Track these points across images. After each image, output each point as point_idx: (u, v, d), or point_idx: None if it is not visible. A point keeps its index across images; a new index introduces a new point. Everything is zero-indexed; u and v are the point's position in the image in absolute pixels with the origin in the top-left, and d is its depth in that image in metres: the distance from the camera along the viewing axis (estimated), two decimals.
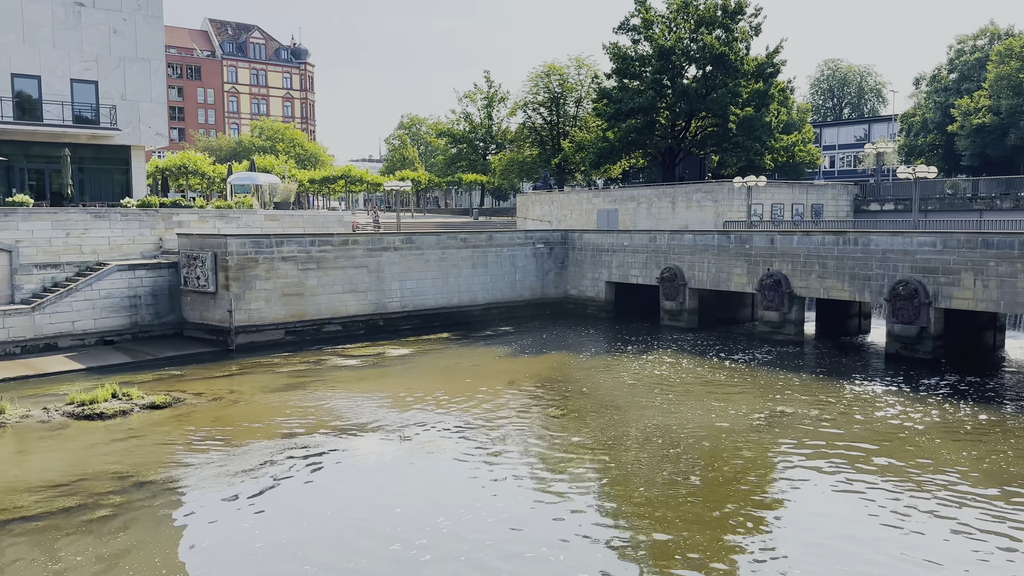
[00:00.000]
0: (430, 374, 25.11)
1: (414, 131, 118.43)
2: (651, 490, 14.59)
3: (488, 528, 13.03)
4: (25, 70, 32.98)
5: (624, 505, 13.97)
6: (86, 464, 16.01)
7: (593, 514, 13.55)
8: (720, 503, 14.01)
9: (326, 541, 12.62)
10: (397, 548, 12.22)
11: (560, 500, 14.16)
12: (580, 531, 12.83)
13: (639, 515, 13.48)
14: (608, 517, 13.49)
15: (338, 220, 39.12)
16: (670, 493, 14.44)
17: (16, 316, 26.16)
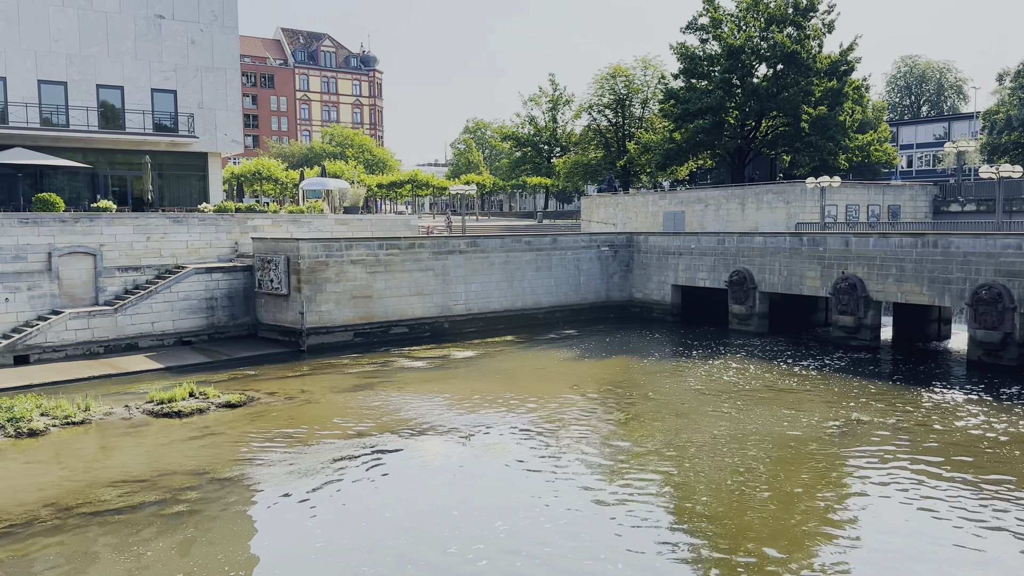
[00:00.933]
0: (494, 376, 25.22)
1: (479, 135, 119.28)
2: (716, 501, 14.31)
3: (545, 536, 12.97)
4: (109, 81, 34.51)
5: (687, 516, 13.73)
6: (164, 460, 16.63)
7: (655, 524, 13.34)
8: (789, 517, 13.64)
9: (387, 541, 12.79)
10: (454, 551, 12.28)
11: (621, 508, 14.01)
12: (640, 542, 12.66)
13: (703, 527, 13.24)
14: (670, 528, 13.28)
15: (405, 224, 39.69)
16: (736, 505, 14.14)
17: (100, 317, 27.37)
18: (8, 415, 18.57)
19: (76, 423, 18.99)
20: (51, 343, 26.22)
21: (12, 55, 31.97)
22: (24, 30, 32.15)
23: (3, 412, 18.76)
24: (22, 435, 17.96)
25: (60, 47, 33.06)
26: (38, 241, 27.10)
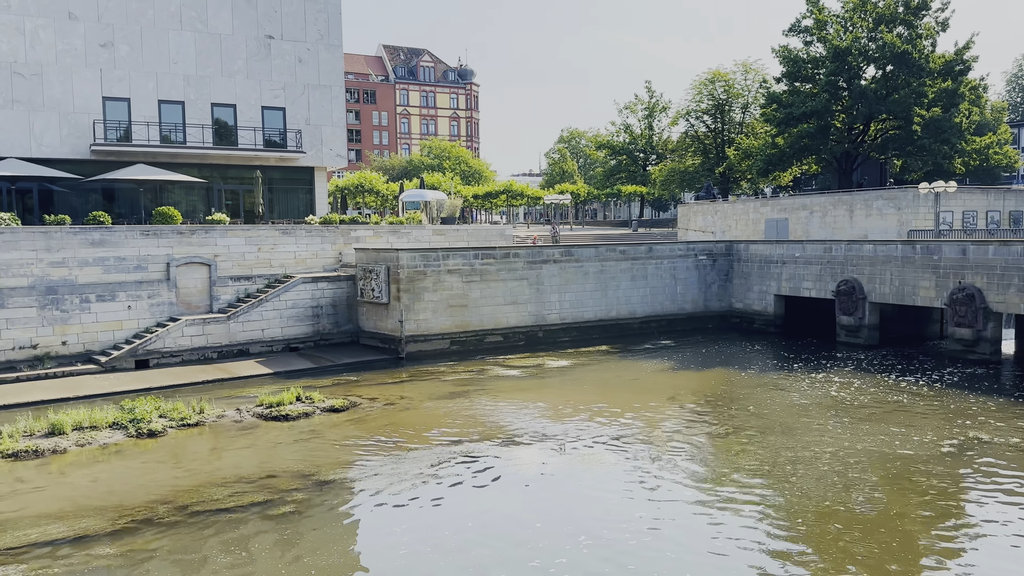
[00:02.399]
0: (589, 386, 25.09)
1: (573, 144, 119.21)
2: (821, 523, 13.74)
3: (636, 550, 12.78)
4: (223, 99, 36.44)
5: (786, 538, 13.24)
6: (273, 462, 17.34)
7: (750, 546, 12.90)
8: (900, 542, 12.95)
9: (480, 548, 12.90)
10: (536, 565, 12.23)
11: (715, 527, 13.63)
12: (734, 563, 12.28)
13: (802, 551, 12.73)
14: (766, 551, 12.81)
15: (500, 233, 40.08)
16: (842, 527, 13.53)
17: (214, 324, 28.86)
18: (130, 416, 19.81)
19: (191, 425, 20.05)
20: (169, 348, 27.82)
21: (135, 77, 34.23)
22: (146, 54, 34.37)
23: (125, 414, 20.02)
24: (142, 435, 19.11)
25: (178, 68, 35.16)
26: (158, 252, 28.85)
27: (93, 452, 17.95)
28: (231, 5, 36.01)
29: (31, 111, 32.21)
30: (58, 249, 26.79)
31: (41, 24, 32.13)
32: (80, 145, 33.21)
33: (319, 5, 38.09)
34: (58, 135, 32.81)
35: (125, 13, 33.71)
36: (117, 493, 15.33)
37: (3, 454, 17.37)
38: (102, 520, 13.91)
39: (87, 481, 16.11)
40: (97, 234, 27.62)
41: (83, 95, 33.14)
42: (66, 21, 32.61)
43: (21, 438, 18.32)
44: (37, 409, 21.47)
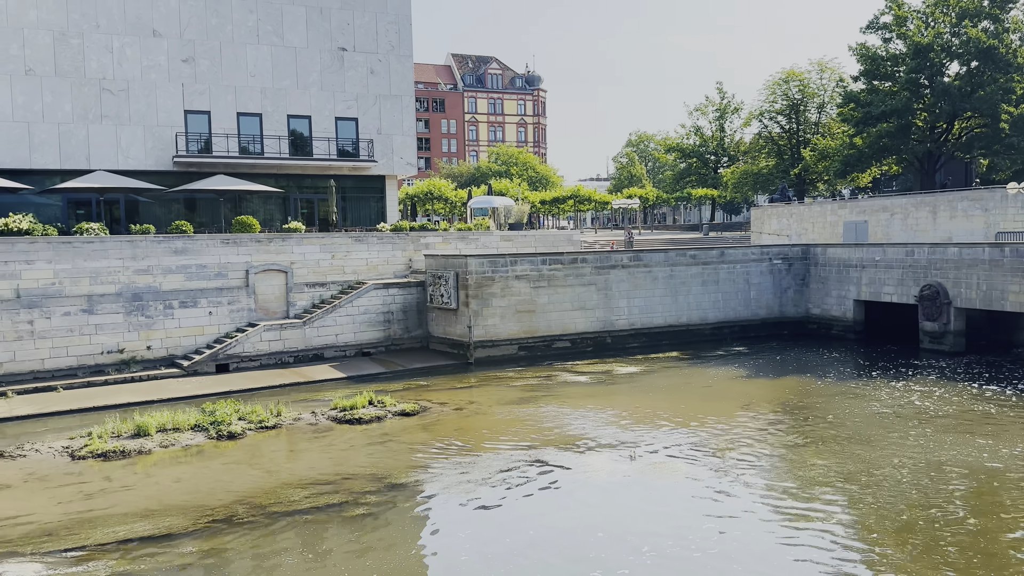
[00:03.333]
0: (659, 393, 24.77)
1: (642, 148, 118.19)
2: (905, 539, 13.20)
3: (710, 561, 12.52)
4: (298, 111, 37.49)
5: (864, 556, 12.75)
6: (346, 464, 17.70)
7: (825, 561, 12.45)
8: (986, 562, 12.33)
9: (544, 555, 12.86)
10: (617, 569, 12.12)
11: (790, 542, 13.24)
12: None
13: (884, 571, 12.25)
14: (842, 568, 12.39)
15: (567, 239, 40.00)
16: (929, 544, 12.97)
17: (291, 329, 29.66)
18: (211, 419, 20.52)
19: (269, 427, 20.64)
20: (247, 353, 28.72)
21: (216, 91, 35.54)
22: (225, 68, 35.65)
23: (206, 416, 20.75)
24: (223, 437, 19.76)
25: (256, 82, 36.34)
26: (237, 260, 29.83)
27: (176, 453, 18.66)
28: (306, 19, 37.04)
29: (118, 125, 33.79)
30: (143, 257, 28.00)
31: (128, 42, 33.70)
32: (164, 157, 34.65)
33: (390, 17, 38.83)
34: (143, 148, 34.32)
35: (205, 29, 35.06)
36: (199, 493, 15.89)
37: (93, 454, 18.22)
38: (185, 519, 14.44)
39: (171, 481, 16.76)
40: (180, 243, 28.76)
41: (166, 109, 34.59)
42: (150, 38, 34.11)
43: (109, 439, 19.18)
44: (124, 411, 22.44)
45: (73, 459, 18.06)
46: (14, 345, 25.74)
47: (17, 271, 25.86)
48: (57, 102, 32.64)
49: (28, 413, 22.51)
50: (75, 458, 18.10)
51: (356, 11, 38.09)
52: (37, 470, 17.38)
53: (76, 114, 33.02)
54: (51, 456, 18.31)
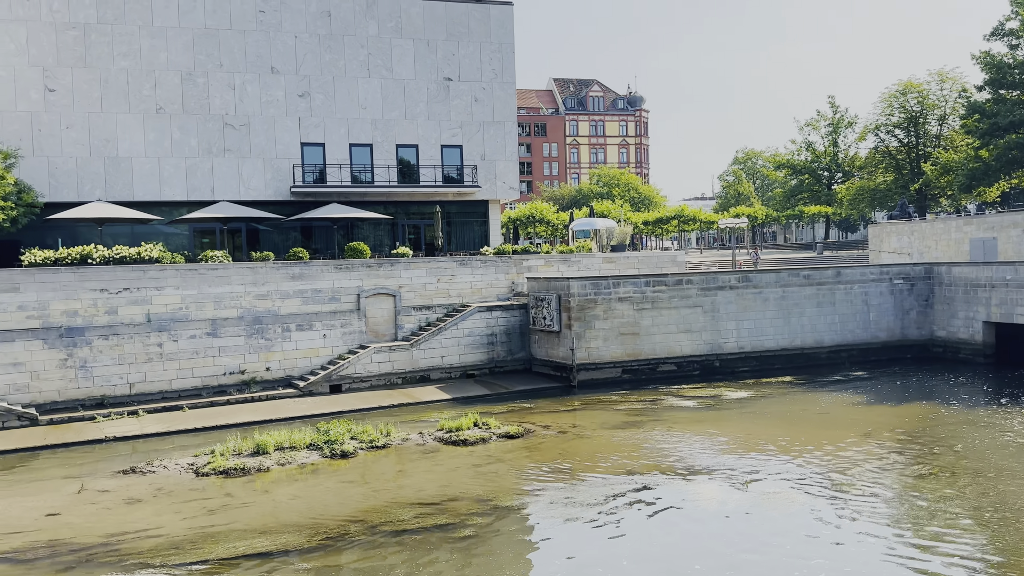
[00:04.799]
0: (771, 420, 23.86)
1: (749, 165, 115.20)
2: None
3: None
4: (406, 140, 38.70)
5: None
6: (453, 485, 17.89)
7: None
8: None
9: None
10: None
11: None
12: None
13: None
14: None
15: (672, 260, 39.35)
16: None
17: (399, 351, 30.42)
18: (325, 438, 21.23)
19: (379, 447, 21.16)
20: (359, 374, 29.62)
21: (330, 124, 37.17)
22: (339, 101, 37.27)
23: (321, 435, 21.49)
24: (336, 456, 20.40)
25: (367, 114, 37.79)
26: (349, 284, 30.92)
27: (292, 471, 19.39)
28: (413, 52, 38.31)
29: (240, 158, 35.82)
30: (263, 283, 29.44)
31: (248, 79, 35.78)
32: (282, 187, 36.45)
33: (494, 46, 39.64)
34: (263, 179, 36.23)
35: (320, 65, 36.81)
36: (314, 511, 16.43)
37: (215, 471, 19.18)
38: (300, 536, 14.95)
39: (287, 498, 17.40)
40: (297, 269, 30.09)
41: (284, 142, 36.44)
42: (269, 75, 36.09)
43: (231, 457, 20.14)
44: (244, 430, 23.54)
45: (197, 476, 19.06)
46: (145, 367, 27.51)
47: (148, 297, 27.70)
48: (184, 138, 34.96)
49: (157, 431, 23.96)
50: (199, 475, 19.09)
51: (461, 42, 39.10)
52: (165, 485, 18.44)
53: (201, 148, 35.25)
54: (178, 472, 19.38)
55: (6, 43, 32.32)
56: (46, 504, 17.36)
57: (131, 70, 34.05)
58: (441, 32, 38.79)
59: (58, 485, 18.94)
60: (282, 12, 36.16)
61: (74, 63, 33.29)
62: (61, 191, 33.20)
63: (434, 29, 38.65)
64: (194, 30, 34.86)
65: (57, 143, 33.24)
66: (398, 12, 38.00)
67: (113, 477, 19.27)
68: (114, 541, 14.94)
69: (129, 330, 27.33)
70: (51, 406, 25.93)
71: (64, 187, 33.32)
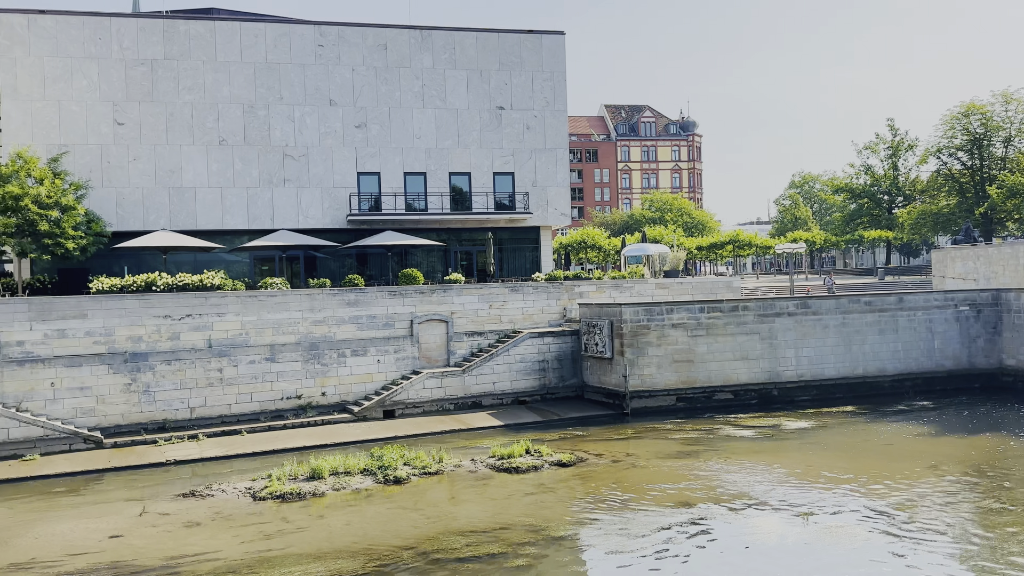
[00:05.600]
0: (833, 451, 23.18)
1: (806, 189, 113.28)
2: None
3: None
4: (458, 168, 39.17)
5: None
6: (505, 513, 17.79)
7: None
8: None
9: None
10: None
11: None
12: None
13: None
14: None
15: (727, 286, 38.78)
16: None
17: (451, 377, 30.55)
18: (378, 464, 21.38)
19: (431, 473, 21.21)
20: (412, 400, 29.82)
21: (385, 153, 37.88)
22: (394, 132, 37.98)
23: (374, 461, 21.64)
24: (389, 482, 20.51)
25: (421, 143, 38.42)
26: (403, 310, 31.26)
27: (347, 496, 19.54)
28: (467, 82, 38.90)
29: (299, 188, 36.70)
30: (320, 309, 29.97)
31: (307, 111, 36.75)
32: (338, 216, 37.18)
33: (545, 75, 39.99)
34: (320, 207, 37.02)
35: (376, 96, 37.62)
36: (367, 537, 16.51)
37: (272, 495, 19.45)
38: (354, 562, 15.02)
39: (341, 524, 17.54)
40: (352, 295, 30.56)
41: (341, 171, 37.23)
42: (327, 107, 37.01)
43: (287, 481, 20.41)
44: (300, 454, 23.86)
45: (254, 500, 19.35)
46: (206, 391, 28.17)
47: (209, 323, 28.43)
48: (246, 168, 36.01)
49: (216, 455, 24.46)
50: (256, 499, 19.38)
51: (513, 71, 39.55)
52: (223, 509, 18.76)
53: (262, 179, 36.24)
54: (235, 496, 19.72)
55: (79, 80, 33.88)
56: (110, 526, 17.83)
57: (195, 103, 35.32)
58: (494, 62, 39.33)
59: (121, 507, 19.44)
60: (340, 46, 37.15)
61: (142, 97, 34.68)
62: (128, 220, 34.44)
63: (487, 59, 39.22)
64: (256, 64, 36.03)
65: (125, 174, 34.57)
66: (452, 44, 38.69)
67: (173, 500, 19.70)
68: (173, 564, 15.24)
69: (191, 355, 28.06)
70: (115, 429, 26.69)
71: (131, 216, 34.57)
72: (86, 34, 33.88)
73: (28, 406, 25.70)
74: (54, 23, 33.59)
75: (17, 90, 33.11)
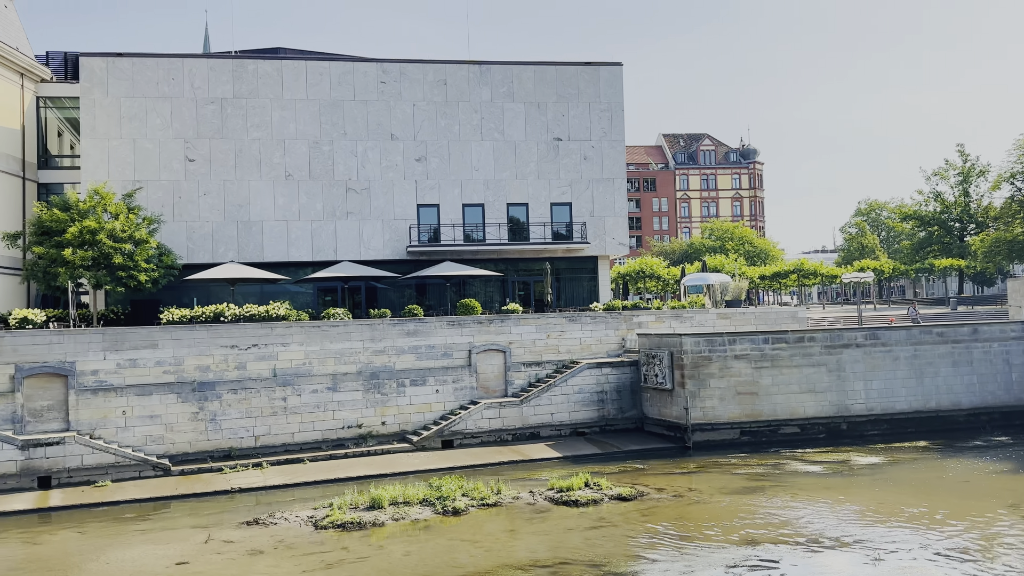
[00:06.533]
0: (906, 488, 22.25)
1: (873, 217, 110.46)
2: None
3: None
4: (516, 199, 39.45)
5: None
6: (564, 548, 17.54)
7: None
8: None
9: None
10: None
11: None
12: None
13: None
14: None
15: (792, 316, 37.89)
16: None
17: (509, 408, 30.48)
18: (437, 494, 21.38)
19: (490, 504, 21.09)
20: (470, 430, 29.83)
21: (444, 185, 38.43)
22: (453, 164, 38.55)
23: (433, 491, 21.65)
24: (448, 513, 20.47)
25: (479, 175, 38.87)
26: (461, 340, 31.43)
27: (406, 527, 19.57)
28: (524, 115, 39.31)
29: (361, 220, 37.46)
30: (380, 339, 30.35)
31: (370, 146, 37.60)
32: (399, 247, 37.77)
33: (603, 106, 40.15)
34: (381, 239, 37.68)
35: (435, 130, 38.31)
36: (426, 568, 16.47)
37: (333, 524, 19.60)
38: None
39: (401, 554, 17.54)
40: (411, 325, 30.89)
41: (401, 204, 37.89)
42: (388, 141, 37.82)
43: (348, 510, 20.56)
44: (360, 483, 24.02)
45: (316, 528, 19.53)
46: (270, 420, 28.71)
47: (274, 352, 29.06)
48: (310, 202, 36.95)
49: (279, 483, 24.82)
50: (318, 527, 19.56)
51: (571, 103, 39.82)
52: (285, 538, 18.98)
53: (325, 212, 37.13)
54: (298, 525, 19.94)
55: (153, 118, 35.41)
56: (176, 553, 18.21)
57: (263, 140, 36.51)
58: (551, 94, 39.67)
59: (187, 534, 19.85)
60: (401, 82, 38.03)
61: (212, 135, 36.02)
62: (197, 253, 35.62)
63: (544, 92, 39.59)
64: (320, 102, 37.12)
65: (195, 209, 35.84)
66: (510, 78, 39.22)
67: (238, 528, 20.03)
68: None
69: (256, 384, 28.68)
70: (182, 457, 27.36)
71: (200, 249, 35.76)
72: (160, 75, 35.47)
73: (101, 433, 26.57)
74: (131, 65, 35.28)
75: (95, 129, 34.79)
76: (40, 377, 26.19)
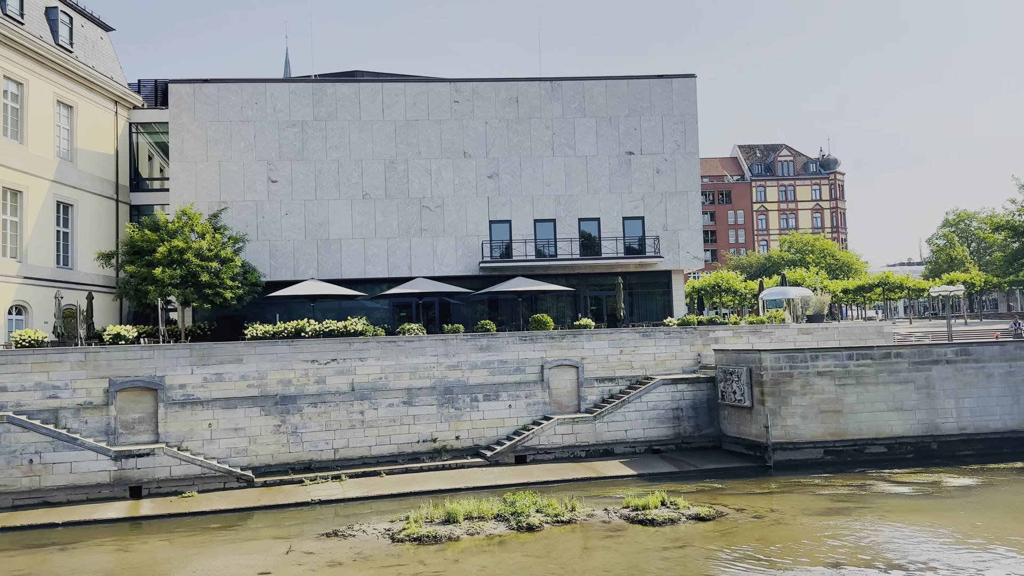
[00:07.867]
0: (1003, 512, 21.08)
1: (962, 228, 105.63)
2: None
3: None
4: (587, 214, 39.34)
5: None
6: (640, 568, 17.25)
7: None
8: None
9: None
10: None
11: None
12: None
13: None
14: None
15: (877, 331, 36.50)
16: None
17: (582, 424, 30.27)
18: (511, 510, 21.37)
19: (564, 521, 20.95)
20: (543, 445, 29.73)
21: (516, 201, 38.67)
22: (524, 180, 38.77)
23: (507, 507, 21.65)
24: (522, 529, 20.42)
25: (550, 190, 38.96)
26: (533, 356, 31.44)
27: (480, 541, 19.62)
28: (595, 129, 39.28)
29: (434, 237, 38.03)
30: (454, 354, 30.64)
31: (443, 164, 38.20)
32: (471, 263, 38.15)
33: (676, 119, 39.77)
34: (454, 256, 38.15)
35: (507, 147, 38.64)
36: None
37: (409, 537, 19.82)
38: None
39: (476, 569, 17.59)
40: (484, 340, 31.08)
41: (474, 220, 38.30)
42: (461, 159, 38.34)
43: (424, 524, 20.75)
44: (435, 497, 24.23)
45: (392, 541, 19.77)
46: (348, 433, 29.28)
47: (352, 367, 29.67)
48: (386, 220, 37.74)
49: (357, 495, 25.26)
50: (394, 540, 19.80)
51: (643, 116, 39.59)
52: (363, 550, 19.28)
53: (401, 229, 37.85)
54: (375, 537, 20.23)
55: (237, 141, 36.86)
56: (259, 563, 18.71)
57: (341, 160, 37.54)
58: (623, 108, 39.52)
59: (269, 545, 20.38)
60: (474, 101, 38.55)
61: (293, 156, 37.25)
62: (279, 271, 36.80)
63: (616, 106, 39.48)
64: (396, 122, 37.97)
65: (277, 228, 37.07)
66: (581, 93, 39.28)
67: (317, 539, 20.46)
68: None
69: (335, 398, 29.32)
70: (264, 469, 28.14)
71: (282, 267, 36.92)
72: (243, 99, 36.95)
73: (188, 445, 27.59)
74: (216, 91, 36.87)
75: (183, 152, 36.45)
76: (132, 391, 27.41)
